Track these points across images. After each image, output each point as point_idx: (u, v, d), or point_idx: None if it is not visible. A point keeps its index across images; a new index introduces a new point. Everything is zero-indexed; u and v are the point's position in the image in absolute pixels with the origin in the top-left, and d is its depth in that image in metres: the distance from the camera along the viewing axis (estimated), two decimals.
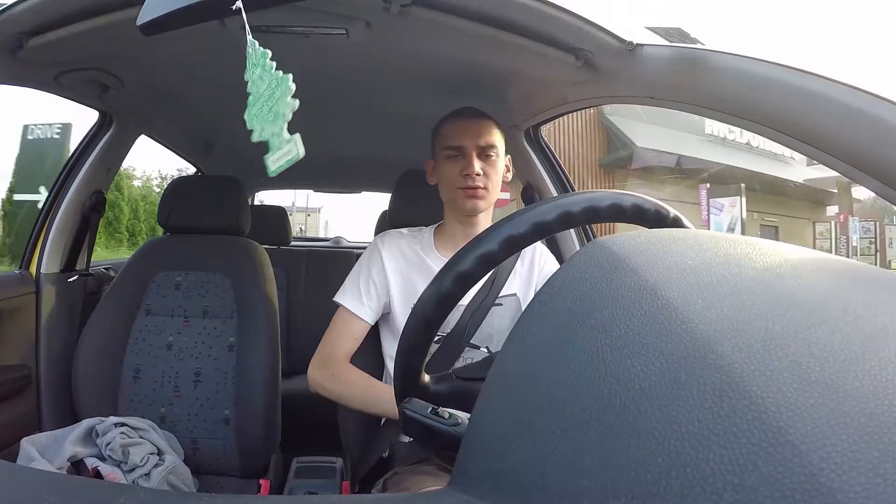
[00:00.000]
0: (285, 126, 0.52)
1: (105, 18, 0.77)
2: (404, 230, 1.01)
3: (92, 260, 1.42)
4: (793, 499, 0.15)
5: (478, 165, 0.91)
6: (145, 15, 0.60)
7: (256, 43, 0.54)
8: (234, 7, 0.55)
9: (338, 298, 0.96)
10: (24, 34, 0.79)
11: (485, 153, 0.92)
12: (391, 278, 0.94)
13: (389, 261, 0.95)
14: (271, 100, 0.53)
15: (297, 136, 0.51)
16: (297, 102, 0.51)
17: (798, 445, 0.16)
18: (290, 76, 0.52)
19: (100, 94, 1.11)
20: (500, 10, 0.77)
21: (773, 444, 0.16)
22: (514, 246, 0.44)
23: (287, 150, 0.52)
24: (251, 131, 0.54)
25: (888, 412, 0.16)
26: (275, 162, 0.52)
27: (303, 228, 15.69)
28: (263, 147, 0.53)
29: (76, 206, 1.29)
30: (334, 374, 0.91)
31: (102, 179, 1.35)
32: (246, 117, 0.54)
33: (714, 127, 9.72)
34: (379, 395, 0.87)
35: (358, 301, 0.94)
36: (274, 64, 0.53)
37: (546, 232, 0.44)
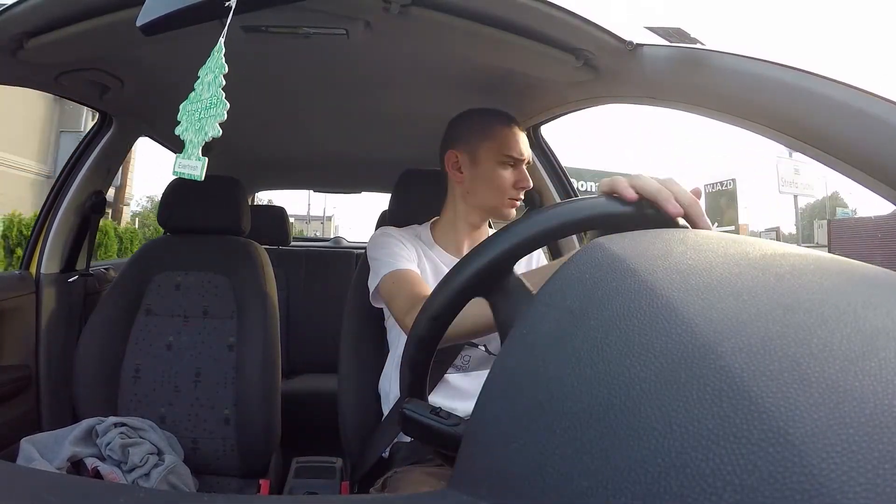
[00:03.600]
0: (202, 145, 0.53)
1: (105, 19, 0.77)
2: (395, 229, 1.00)
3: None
4: (792, 499, 0.15)
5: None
6: (145, 15, 0.60)
7: (223, 50, 0.55)
8: (226, 5, 0.56)
9: (378, 276, 0.89)
10: (24, 34, 0.79)
11: (524, 165, 0.95)
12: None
13: (405, 244, 0.93)
14: (206, 112, 0.54)
15: (205, 161, 0.53)
16: (220, 132, 0.53)
17: (798, 445, 0.16)
18: (227, 105, 0.53)
19: (100, 95, 1.11)
20: (500, 10, 0.77)
21: (773, 444, 0.16)
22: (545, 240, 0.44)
23: (193, 165, 0.53)
24: (178, 121, 0.55)
25: (888, 412, 0.16)
26: (181, 167, 0.54)
27: (318, 233, 18.09)
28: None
29: (76, 207, 1.29)
30: None
31: (102, 180, 1.35)
32: (181, 107, 0.55)
33: None
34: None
35: (399, 259, 0.89)
36: (223, 83, 0.54)
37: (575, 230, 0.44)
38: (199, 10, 0.58)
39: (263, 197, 3.21)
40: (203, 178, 0.53)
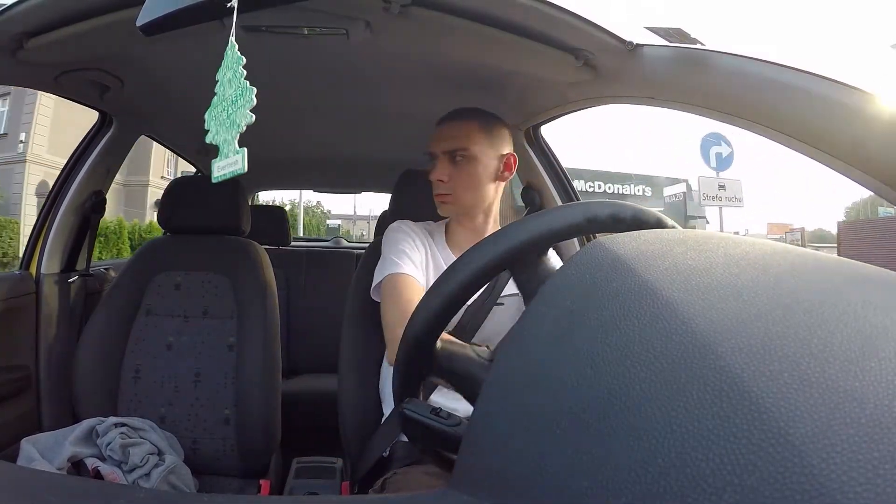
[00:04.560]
0: (237, 137, 0.52)
1: (105, 18, 0.77)
2: (412, 223, 0.99)
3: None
4: (793, 499, 0.15)
5: (444, 171, 0.90)
6: (145, 15, 0.60)
7: (236, 46, 0.54)
8: (228, 5, 0.56)
9: (381, 274, 0.88)
10: (24, 34, 0.79)
11: (452, 157, 0.91)
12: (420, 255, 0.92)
13: (415, 243, 0.93)
14: (233, 106, 0.53)
15: (244, 151, 0.51)
16: (253, 117, 0.52)
17: (798, 446, 0.16)
18: (255, 90, 0.52)
19: (100, 95, 1.11)
20: (500, 10, 0.77)
21: (773, 444, 0.16)
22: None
23: (233, 160, 0.52)
24: (207, 131, 0.55)
25: (888, 412, 0.16)
26: (220, 169, 0.53)
27: (364, 233, 19.01)
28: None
29: (76, 207, 1.29)
30: None
31: (102, 180, 1.35)
32: (206, 116, 0.55)
33: None
34: None
35: (405, 261, 0.88)
36: (245, 73, 0.53)
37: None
38: (200, 9, 0.58)
39: (312, 199, 3.24)
40: (246, 169, 0.51)
